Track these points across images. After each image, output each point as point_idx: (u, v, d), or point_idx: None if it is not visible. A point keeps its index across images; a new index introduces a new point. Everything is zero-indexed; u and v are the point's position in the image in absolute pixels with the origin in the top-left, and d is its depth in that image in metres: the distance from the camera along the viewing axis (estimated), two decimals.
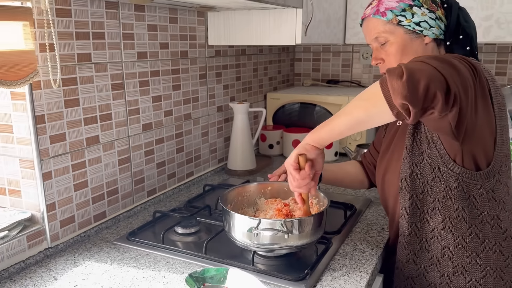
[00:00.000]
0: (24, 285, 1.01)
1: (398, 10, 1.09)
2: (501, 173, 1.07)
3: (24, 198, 1.14)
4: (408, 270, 1.14)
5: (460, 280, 1.08)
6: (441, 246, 1.08)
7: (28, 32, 1.02)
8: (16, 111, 1.08)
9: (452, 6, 1.11)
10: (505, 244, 1.07)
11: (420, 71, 0.84)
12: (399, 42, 1.10)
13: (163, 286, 1.01)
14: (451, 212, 1.06)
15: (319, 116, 2.15)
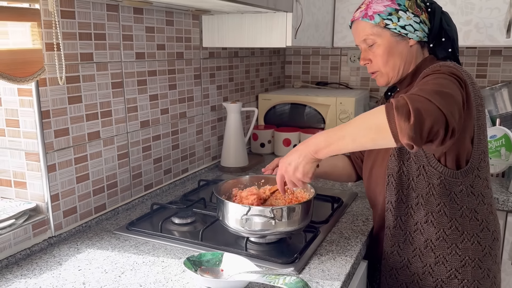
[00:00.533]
0: (31, 270, 1.07)
1: (385, 14, 1.16)
2: (480, 169, 1.15)
3: (29, 189, 1.20)
4: (393, 262, 1.22)
5: (442, 269, 1.16)
6: (424, 238, 1.16)
7: (35, 32, 1.09)
8: (23, 106, 1.15)
9: (436, 10, 1.19)
10: (482, 235, 1.16)
11: (426, 112, 0.87)
12: (386, 44, 1.18)
13: (163, 270, 1.08)
14: (433, 207, 1.14)
15: (309, 117, 2.24)
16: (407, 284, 1.20)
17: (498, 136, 1.88)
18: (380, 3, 1.17)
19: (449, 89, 0.95)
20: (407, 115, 0.87)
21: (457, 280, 1.15)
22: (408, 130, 0.86)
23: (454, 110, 0.90)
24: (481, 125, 1.13)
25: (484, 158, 1.16)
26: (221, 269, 1.05)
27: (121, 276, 1.04)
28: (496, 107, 2.10)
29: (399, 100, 0.90)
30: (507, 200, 1.61)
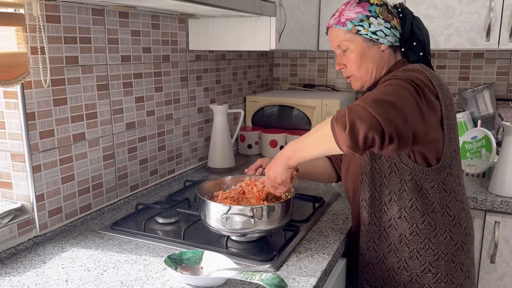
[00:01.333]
0: (15, 268, 1.10)
1: (357, 20, 1.20)
2: (452, 167, 1.18)
3: (15, 189, 1.23)
4: (369, 257, 1.25)
5: (416, 264, 1.19)
6: (398, 233, 1.20)
7: (20, 36, 1.12)
8: (8, 109, 1.17)
9: (407, 16, 1.23)
10: (454, 230, 1.19)
11: (360, 121, 0.93)
12: (358, 50, 1.22)
13: (144, 267, 1.11)
14: (406, 202, 1.18)
15: (297, 118, 2.27)
16: (384, 279, 1.23)
17: (479, 138, 1.92)
18: (352, 10, 1.21)
19: (393, 96, 0.98)
20: (343, 126, 0.94)
21: (431, 274, 1.18)
22: (345, 139, 0.94)
23: (392, 117, 0.94)
24: (451, 125, 1.16)
25: (456, 156, 1.19)
26: (201, 266, 1.09)
27: (103, 274, 1.07)
28: (478, 109, 2.15)
29: (340, 112, 0.97)
30: (485, 199, 1.65)
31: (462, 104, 2.21)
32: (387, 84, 1.06)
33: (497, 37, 1.87)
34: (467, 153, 1.95)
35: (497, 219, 1.66)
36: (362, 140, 0.93)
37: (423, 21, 1.86)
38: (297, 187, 1.73)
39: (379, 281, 1.24)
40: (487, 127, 2.13)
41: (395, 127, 0.94)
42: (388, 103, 0.96)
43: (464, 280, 1.21)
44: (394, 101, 0.97)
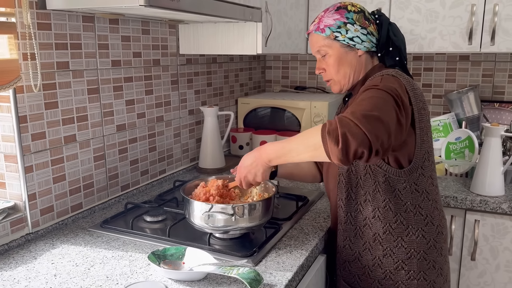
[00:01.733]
0: (7, 263, 1.15)
1: (335, 27, 1.25)
2: (424, 168, 1.23)
3: (8, 189, 1.29)
4: (345, 255, 1.30)
5: (389, 261, 1.24)
6: (372, 232, 1.25)
7: (12, 44, 1.18)
8: (1, 112, 1.23)
9: (383, 22, 1.28)
10: (426, 229, 1.24)
11: (352, 136, 0.98)
12: (336, 55, 1.27)
13: (129, 263, 1.16)
14: (379, 203, 1.23)
15: (287, 120, 2.32)
16: (359, 276, 1.28)
17: (462, 138, 1.98)
18: (331, 17, 1.26)
19: (379, 111, 1.03)
20: (336, 140, 1.00)
21: (404, 271, 1.23)
22: (337, 153, 1.00)
23: (379, 133, 1.00)
24: (424, 127, 1.21)
25: (428, 157, 1.24)
26: (183, 262, 1.14)
27: (90, 269, 1.13)
28: (463, 110, 2.20)
29: (332, 124, 1.02)
30: (465, 198, 1.70)
31: (448, 106, 2.26)
32: (371, 96, 1.10)
33: (479, 40, 1.92)
34: (451, 153, 2.00)
35: (477, 218, 1.71)
36: (353, 155, 1.00)
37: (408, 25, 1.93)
38: (283, 187, 1.78)
39: (355, 278, 1.29)
40: (472, 128, 2.18)
41: (381, 143, 1.01)
42: (376, 119, 1.02)
43: (437, 277, 1.26)
44: (381, 117, 1.02)
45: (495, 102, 2.27)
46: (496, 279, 1.73)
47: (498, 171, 1.71)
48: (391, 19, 2.03)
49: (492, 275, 1.73)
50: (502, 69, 2.27)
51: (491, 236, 1.71)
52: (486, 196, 1.70)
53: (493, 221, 1.69)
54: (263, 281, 1.04)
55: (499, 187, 1.72)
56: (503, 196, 1.70)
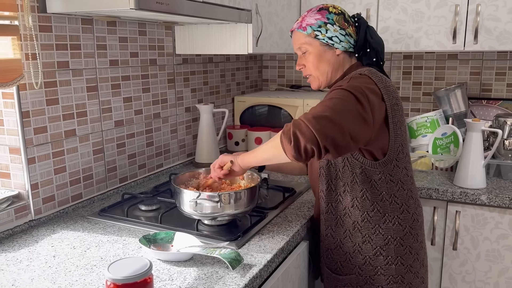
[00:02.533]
0: (11, 246, 1.26)
1: (316, 26, 1.34)
2: (398, 160, 1.31)
3: (13, 179, 1.39)
4: (328, 243, 1.39)
5: (368, 247, 1.32)
6: (352, 220, 1.33)
7: (16, 44, 1.28)
8: (6, 108, 1.34)
9: (361, 25, 1.36)
10: (402, 217, 1.32)
11: (302, 135, 1.10)
12: (316, 52, 1.36)
13: (123, 246, 1.26)
14: (357, 193, 1.31)
15: (283, 117, 2.41)
16: (341, 263, 1.37)
17: (448, 134, 2.05)
18: (313, 17, 1.35)
19: (332, 111, 1.13)
20: (289, 139, 1.13)
21: (382, 257, 1.32)
22: (290, 150, 1.13)
23: (328, 132, 1.10)
24: (397, 122, 1.28)
25: (403, 150, 1.32)
26: (172, 245, 1.24)
27: (86, 251, 1.23)
28: (450, 107, 2.27)
29: (287, 126, 1.15)
30: (446, 190, 1.78)
31: (437, 103, 2.34)
32: (331, 97, 1.20)
33: (463, 39, 1.99)
34: (438, 148, 2.08)
35: (458, 209, 1.79)
36: (303, 151, 1.12)
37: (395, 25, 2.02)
38: (274, 179, 1.87)
39: (337, 264, 1.38)
40: (459, 124, 2.25)
41: (331, 140, 1.11)
42: (326, 119, 1.12)
43: (414, 262, 1.34)
44: (331, 117, 1.12)
45: (482, 100, 2.34)
46: (477, 268, 1.80)
47: (479, 164, 1.79)
48: (379, 19, 2.12)
49: (473, 264, 1.81)
50: (489, 67, 2.34)
51: (471, 227, 1.78)
52: (467, 189, 1.77)
53: (473, 212, 1.77)
54: (243, 261, 1.13)
55: (480, 180, 1.79)
56: (484, 188, 1.78)
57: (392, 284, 1.32)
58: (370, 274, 1.32)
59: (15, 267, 1.14)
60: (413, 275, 1.34)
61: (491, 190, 1.76)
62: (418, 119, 2.19)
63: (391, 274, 1.31)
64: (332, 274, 1.39)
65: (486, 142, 2.01)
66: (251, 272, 1.11)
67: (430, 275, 1.89)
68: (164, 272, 1.11)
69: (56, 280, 1.07)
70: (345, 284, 1.36)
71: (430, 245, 1.86)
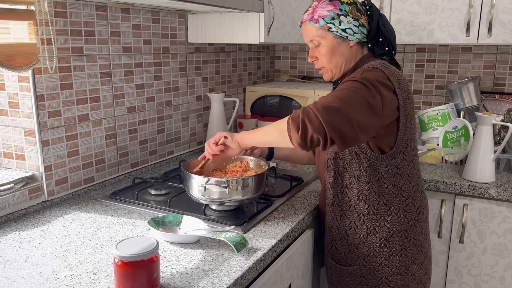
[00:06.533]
0: (25, 225, 1.30)
1: (328, 18, 1.31)
2: (406, 153, 1.30)
3: (27, 161, 1.43)
4: (333, 234, 1.40)
5: (373, 239, 1.33)
6: (357, 213, 1.34)
7: (32, 29, 1.32)
8: (22, 91, 1.38)
9: (373, 13, 1.34)
10: (407, 210, 1.32)
11: (309, 124, 1.11)
12: (329, 45, 1.34)
13: (132, 228, 1.30)
14: (363, 185, 1.31)
15: (294, 108, 2.42)
16: (345, 254, 1.38)
17: (458, 127, 2.04)
18: (325, 8, 1.32)
19: (341, 102, 1.13)
20: (297, 126, 1.13)
21: (387, 248, 1.32)
22: (297, 137, 1.13)
23: (336, 123, 1.10)
24: (408, 115, 1.28)
25: (411, 143, 1.31)
26: (179, 228, 1.27)
27: (96, 232, 1.27)
28: (462, 100, 2.26)
29: (296, 112, 1.15)
30: (454, 183, 1.77)
31: (449, 96, 2.32)
32: (342, 88, 1.20)
33: (477, 32, 1.97)
34: (448, 141, 2.07)
35: (466, 202, 1.78)
36: (309, 140, 1.12)
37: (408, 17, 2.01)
38: (281, 168, 1.89)
39: (341, 255, 1.39)
40: (471, 118, 2.24)
41: (339, 131, 1.11)
42: (335, 110, 1.12)
43: (418, 254, 1.35)
44: (340, 108, 1.12)
45: (495, 94, 2.31)
46: (483, 262, 1.80)
47: (489, 158, 1.78)
48: (392, 11, 2.11)
49: (480, 258, 1.81)
50: (503, 61, 2.31)
51: (478, 220, 1.78)
52: (476, 182, 1.77)
53: (481, 205, 1.77)
54: (248, 245, 1.16)
55: (489, 174, 1.79)
56: (493, 182, 1.77)
57: (396, 275, 1.33)
58: (374, 265, 1.34)
59: (28, 245, 1.18)
60: (417, 267, 1.35)
61: (500, 184, 1.75)
62: (429, 113, 2.18)
63: (395, 266, 1.33)
64: (336, 265, 1.40)
65: (497, 136, 1.99)
66: (256, 256, 1.13)
67: (436, 267, 1.90)
68: (171, 253, 1.14)
69: (67, 258, 1.11)
70: (349, 274, 1.38)
71: (437, 238, 1.86)
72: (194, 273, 1.05)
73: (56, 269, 1.05)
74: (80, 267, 1.06)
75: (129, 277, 0.92)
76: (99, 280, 1.01)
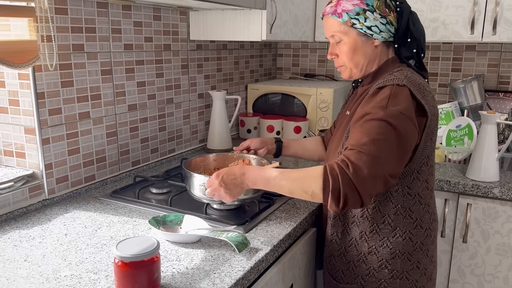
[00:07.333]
0: (25, 224, 1.29)
1: (353, 13, 1.18)
2: (421, 172, 1.20)
3: (28, 159, 1.42)
4: (332, 249, 1.31)
5: (374, 259, 1.24)
6: (359, 230, 1.25)
7: (32, 26, 1.30)
8: (22, 89, 1.37)
9: (404, 10, 1.20)
10: (414, 232, 1.23)
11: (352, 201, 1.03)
12: (352, 43, 1.21)
13: (133, 227, 1.29)
14: None
15: (296, 106, 2.41)
16: (343, 271, 1.30)
17: (462, 126, 2.03)
18: (350, 1, 1.19)
19: (376, 164, 1.05)
20: (337, 200, 1.04)
21: (387, 270, 1.23)
22: (335, 209, 1.06)
23: (374, 190, 1.05)
24: (430, 133, 1.18)
25: (427, 161, 1.21)
26: (180, 227, 1.26)
27: (97, 231, 1.26)
28: (466, 99, 2.24)
29: (335, 181, 1.03)
30: (458, 182, 1.76)
31: (452, 95, 2.31)
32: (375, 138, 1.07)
33: (481, 30, 1.96)
34: (452, 140, 2.06)
35: (469, 201, 1.77)
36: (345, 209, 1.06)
37: None
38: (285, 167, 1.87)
39: (339, 272, 1.31)
40: (475, 117, 2.22)
41: (369, 198, 1.05)
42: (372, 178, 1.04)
43: (420, 277, 1.26)
44: (375, 173, 1.04)
45: (499, 92, 2.30)
46: (486, 261, 1.79)
47: (493, 157, 1.76)
48: None
49: (483, 257, 1.79)
50: (508, 59, 2.29)
51: (482, 220, 1.76)
52: (480, 181, 1.75)
53: (485, 205, 1.75)
54: (249, 245, 1.15)
55: (493, 173, 1.77)
56: (497, 181, 1.76)
57: None
58: (373, 286, 1.26)
59: (28, 244, 1.17)
60: None
61: (504, 184, 1.73)
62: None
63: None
64: (333, 281, 1.33)
65: (501, 135, 1.98)
66: (257, 256, 1.12)
67: (439, 267, 1.88)
68: (172, 252, 1.13)
69: (67, 257, 1.10)
70: None
71: (440, 237, 1.85)
72: (195, 273, 1.04)
73: (56, 269, 1.04)
74: (80, 267, 1.05)
75: (130, 278, 0.91)
76: (99, 280, 1.00)
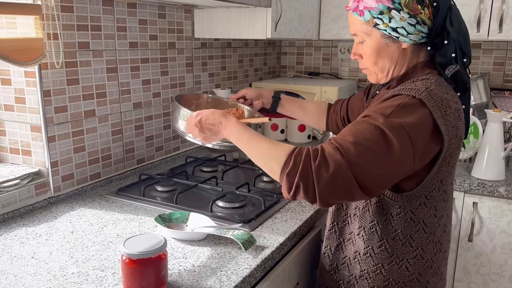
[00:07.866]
0: (31, 221, 1.30)
1: (376, 12, 1.03)
2: (430, 197, 1.06)
3: (34, 156, 1.43)
4: (324, 263, 1.23)
5: (364, 284, 1.12)
6: (354, 249, 1.14)
7: (38, 24, 1.30)
8: (28, 86, 1.37)
9: (441, 6, 1.02)
10: (412, 262, 1.09)
11: (304, 192, 0.93)
12: (375, 45, 1.07)
13: (139, 224, 1.29)
14: (366, 222, 1.10)
15: None
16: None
17: None
18: None
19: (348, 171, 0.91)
20: (289, 186, 0.95)
21: None
22: (286, 195, 0.97)
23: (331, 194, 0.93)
24: (448, 156, 1.02)
25: (440, 187, 1.06)
26: (186, 225, 1.26)
27: (103, 228, 1.26)
28: (472, 97, 2.23)
29: (296, 164, 0.94)
30: (464, 181, 1.75)
31: None
32: (363, 144, 0.93)
33: (487, 28, 1.95)
34: None
35: (475, 200, 1.76)
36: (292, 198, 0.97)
37: None
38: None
39: None
40: (480, 115, 2.21)
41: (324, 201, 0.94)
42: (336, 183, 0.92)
43: None
44: (348, 186, 0.92)
45: (505, 91, 2.28)
46: (492, 260, 1.79)
47: (499, 156, 1.76)
48: None
49: (489, 256, 1.79)
50: None
51: (488, 218, 1.76)
52: (486, 180, 1.75)
53: (491, 203, 1.74)
54: (255, 243, 1.15)
55: (499, 172, 1.76)
56: (503, 180, 1.75)
57: None
58: None
59: (34, 241, 1.17)
60: None
61: (510, 182, 1.73)
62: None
63: None
64: None
65: (507, 134, 1.97)
66: (264, 254, 1.12)
67: None
68: (178, 250, 1.13)
69: (74, 255, 1.10)
70: None
71: None
72: (202, 271, 1.04)
73: (63, 266, 1.05)
74: (87, 264, 1.06)
75: (137, 275, 0.91)
76: (106, 277, 1.00)
